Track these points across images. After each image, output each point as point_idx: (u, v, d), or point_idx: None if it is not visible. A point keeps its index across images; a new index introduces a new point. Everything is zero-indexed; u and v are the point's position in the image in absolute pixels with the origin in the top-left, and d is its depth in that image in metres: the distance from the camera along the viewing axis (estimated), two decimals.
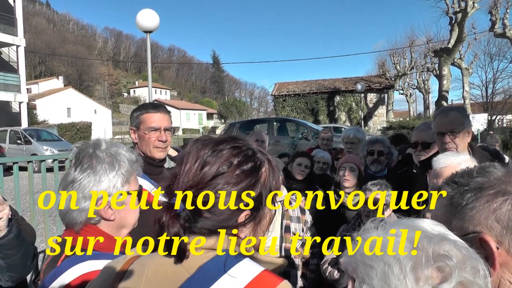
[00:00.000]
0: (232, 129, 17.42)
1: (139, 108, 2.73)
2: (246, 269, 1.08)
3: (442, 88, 23.22)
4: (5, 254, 2.16)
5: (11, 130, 22.18)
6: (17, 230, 2.17)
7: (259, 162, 1.19)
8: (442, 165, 2.34)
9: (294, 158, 4.55)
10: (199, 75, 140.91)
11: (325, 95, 33.77)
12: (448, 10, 22.23)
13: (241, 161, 1.15)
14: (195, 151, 1.16)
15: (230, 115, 64.48)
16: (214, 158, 1.13)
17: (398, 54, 40.48)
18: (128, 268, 1.17)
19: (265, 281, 1.06)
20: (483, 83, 40.05)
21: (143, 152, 2.62)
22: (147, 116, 2.62)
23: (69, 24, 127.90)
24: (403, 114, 52.86)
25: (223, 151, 1.15)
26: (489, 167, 1.17)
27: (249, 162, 1.16)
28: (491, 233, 1.04)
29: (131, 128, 2.67)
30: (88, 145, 1.64)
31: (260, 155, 1.21)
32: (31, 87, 61.02)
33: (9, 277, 2.26)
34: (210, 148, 1.16)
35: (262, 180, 1.17)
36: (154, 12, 8.49)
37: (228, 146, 1.16)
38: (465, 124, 2.94)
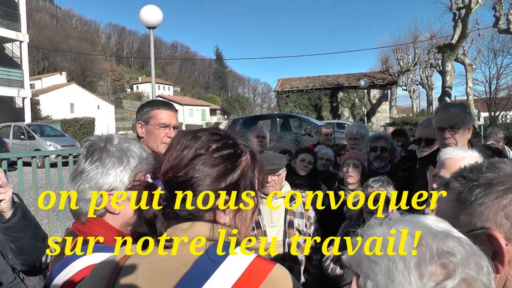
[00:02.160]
0: (235, 125, 17.42)
1: (150, 103, 2.79)
2: (240, 257, 1.10)
3: (446, 84, 23.12)
4: (13, 237, 2.20)
5: (15, 126, 22.24)
6: (22, 213, 2.21)
7: (239, 150, 1.22)
8: (447, 156, 2.37)
9: (298, 154, 4.56)
10: (202, 71, 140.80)
11: (328, 91, 33.65)
12: (451, 6, 22.10)
13: (220, 146, 1.19)
14: (177, 139, 1.22)
15: (233, 111, 64.40)
16: (193, 142, 1.18)
17: (402, 50, 40.30)
18: (121, 267, 1.17)
19: (259, 267, 1.09)
20: (486, 79, 39.80)
21: (148, 147, 2.65)
22: (158, 112, 2.68)
23: (72, 20, 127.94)
24: (406, 110, 52.84)
25: (202, 136, 1.20)
26: (499, 163, 1.15)
27: (228, 148, 1.20)
28: (500, 229, 1.03)
29: (139, 122, 2.70)
30: (101, 139, 1.67)
31: (243, 146, 1.24)
32: (35, 82, 61.07)
33: (22, 260, 2.30)
34: (190, 134, 1.22)
35: (240, 168, 1.20)
36: (158, 8, 8.47)
37: (206, 133, 1.22)
38: (466, 120, 2.95)
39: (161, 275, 1.10)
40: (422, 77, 44.32)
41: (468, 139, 2.95)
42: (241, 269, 1.07)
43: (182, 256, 1.11)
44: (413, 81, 47.14)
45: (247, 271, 1.07)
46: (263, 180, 1.28)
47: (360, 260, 0.85)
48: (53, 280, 1.47)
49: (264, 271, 1.08)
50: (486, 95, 39.21)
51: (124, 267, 1.16)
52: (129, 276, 1.14)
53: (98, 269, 1.22)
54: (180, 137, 1.22)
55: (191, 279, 1.06)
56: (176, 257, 1.11)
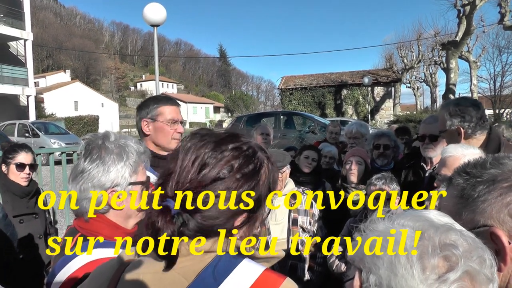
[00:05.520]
0: (239, 122, 17.41)
1: (153, 100, 2.76)
2: (246, 270, 1.05)
3: (450, 81, 23.02)
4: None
5: (19, 123, 22.31)
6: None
7: (259, 163, 1.14)
8: (447, 154, 2.38)
9: (302, 151, 4.54)
10: (206, 69, 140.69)
11: (332, 89, 33.63)
12: (456, 2, 22.00)
13: (242, 163, 1.10)
14: (194, 148, 1.10)
15: (237, 108, 64.38)
16: (215, 160, 1.08)
17: (406, 47, 40.15)
18: (120, 276, 1.12)
19: (267, 281, 1.03)
20: (491, 76, 39.64)
21: (157, 144, 2.67)
22: (166, 109, 2.68)
23: (76, 18, 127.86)
24: (410, 107, 52.58)
25: (224, 152, 1.09)
26: (504, 158, 1.13)
27: (250, 163, 1.11)
28: (503, 227, 1.02)
29: (145, 119, 2.67)
30: (97, 136, 1.68)
31: (260, 153, 1.16)
32: (39, 80, 61.17)
33: None
34: (210, 148, 1.10)
35: (262, 181, 1.13)
36: (161, 6, 8.49)
37: (229, 147, 1.11)
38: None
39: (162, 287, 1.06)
40: (426, 75, 44.08)
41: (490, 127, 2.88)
42: (249, 283, 1.02)
43: (184, 267, 1.06)
44: (417, 78, 46.92)
45: (255, 285, 1.01)
46: (276, 181, 1.21)
47: (363, 254, 0.85)
48: (55, 277, 1.48)
49: (273, 286, 1.03)
50: (491, 92, 39.10)
51: (125, 275, 1.11)
52: (129, 286, 1.09)
53: (99, 273, 1.17)
54: (195, 146, 1.11)
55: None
56: (178, 269, 1.05)
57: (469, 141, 2.73)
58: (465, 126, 2.72)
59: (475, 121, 2.72)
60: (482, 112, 2.78)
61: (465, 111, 2.74)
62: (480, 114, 2.74)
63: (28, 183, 3.69)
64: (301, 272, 3.37)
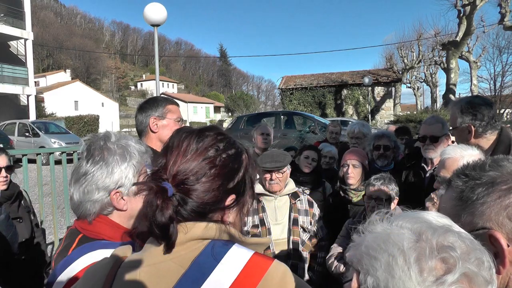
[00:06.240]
0: (239, 122, 17.37)
1: (159, 100, 2.89)
2: (237, 255, 1.10)
3: (450, 81, 23.04)
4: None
5: (20, 123, 22.27)
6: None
7: (239, 148, 1.24)
8: (446, 156, 2.38)
9: (302, 151, 4.54)
10: (206, 69, 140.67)
11: (333, 89, 33.57)
12: (456, 3, 22.03)
13: (226, 146, 1.20)
14: (180, 138, 1.20)
15: (237, 108, 64.25)
16: (201, 143, 1.17)
17: (406, 48, 40.11)
18: (117, 270, 1.14)
19: (257, 264, 1.08)
20: (491, 76, 39.63)
21: (163, 141, 2.70)
22: (173, 108, 2.85)
23: (76, 18, 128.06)
24: (411, 107, 52.61)
25: (208, 137, 1.19)
26: (503, 160, 1.12)
27: (232, 147, 1.21)
28: (501, 230, 1.01)
29: (154, 117, 2.78)
30: (98, 137, 1.67)
31: (239, 144, 1.26)
32: (39, 80, 61.20)
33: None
34: (195, 135, 1.20)
35: (244, 164, 1.23)
36: (162, 6, 8.48)
37: (212, 133, 1.22)
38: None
39: (159, 278, 1.08)
40: (427, 75, 44.06)
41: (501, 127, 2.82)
42: (239, 266, 1.07)
43: (179, 256, 1.09)
44: (417, 78, 46.89)
45: (245, 268, 1.07)
46: (255, 176, 1.30)
47: (361, 256, 0.85)
48: (57, 278, 1.48)
49: (263, 268, 1.07)
50: (491, 92, 39.04)
51: (121, 271, 1.13)
52: (126, 280, 1.11)
53: (93, 272, 1.18)
54: (183, 137, 1.20)
55: (189, 280, 1.05)
56: (174, 258, 1.09)
57: (479, 140, 2.71)
58: (476, 124, 2.69)
59: (487, 120, 2.68)
60: (495, 111, 2.74)
61: (478, 109, 2.69)
62: (492, 114, 2.70)
63: (7, 187, 3.48)
64: (301, 272, 3.36)
